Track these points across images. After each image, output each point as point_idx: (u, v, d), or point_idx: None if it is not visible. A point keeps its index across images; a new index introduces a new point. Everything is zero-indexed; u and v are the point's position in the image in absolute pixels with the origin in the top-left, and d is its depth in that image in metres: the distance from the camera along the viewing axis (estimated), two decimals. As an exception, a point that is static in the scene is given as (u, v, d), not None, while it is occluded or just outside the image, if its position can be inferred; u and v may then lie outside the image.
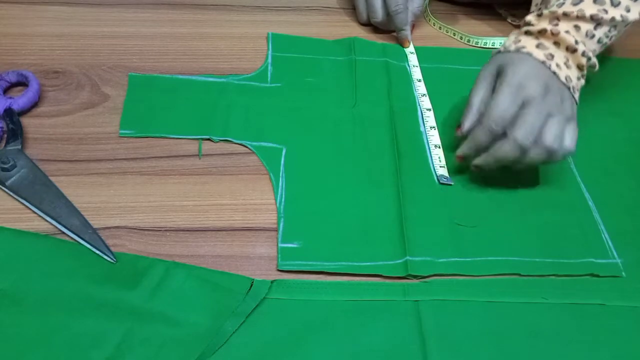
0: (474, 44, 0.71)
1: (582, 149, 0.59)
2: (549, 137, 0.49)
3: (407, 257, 0.48)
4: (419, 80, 0.64)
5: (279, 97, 0.60)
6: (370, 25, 0.71)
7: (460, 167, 0.55)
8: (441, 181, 0.54)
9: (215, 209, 0.50)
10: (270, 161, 0.54)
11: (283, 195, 0.52)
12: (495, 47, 0.71)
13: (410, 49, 0.69)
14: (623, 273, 0.50)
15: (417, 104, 0.62)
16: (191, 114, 0.57)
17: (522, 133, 0.48)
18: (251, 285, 0.45)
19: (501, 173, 0.53)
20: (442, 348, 0.43)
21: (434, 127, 0.59)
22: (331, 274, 0.47)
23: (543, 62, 0.51)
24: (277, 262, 0.47)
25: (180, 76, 0.61)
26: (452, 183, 0.54)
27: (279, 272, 0.47)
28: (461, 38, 0.71)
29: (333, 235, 0.49)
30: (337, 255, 0.48)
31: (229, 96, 0.60)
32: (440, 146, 0.57)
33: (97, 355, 0.40)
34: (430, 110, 0.61)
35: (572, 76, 0.53)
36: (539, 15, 0.54)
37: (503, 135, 0.50)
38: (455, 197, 0.53)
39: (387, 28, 0.70)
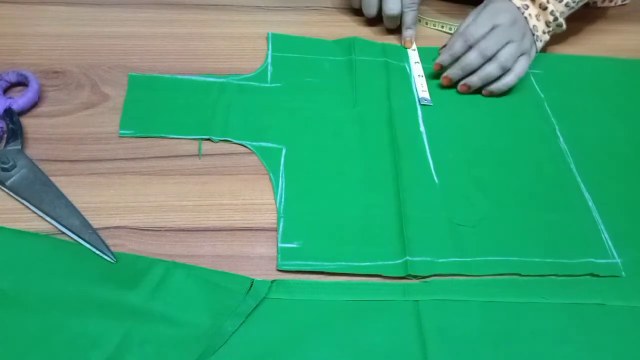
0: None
1: (582, 149, 0.59)
2: (504, 55, 0.62)
3: (407, 257, 0.48)
4: (420, 76, 0.65)
5: (279, 97, 0.60)
6: (370, 25, 0.71)
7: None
8: (422, 102, 0.62)
9: (215, 209, 0.50)
10: (270, 161, 0.54)
11: (283, 195, 0.52)
12: None
13: (412, 46, 0.69)
14: (623, 273, 0.50)
15: (417, 103, 0.62)
16: (191, 114, 0.57)
17: (484, 44, 0.62)
18: (251, 285, 0.45)
19: (497, 171, 0.53)
20: (442, 348, 0.43)
21: (421, 76, 0.65)
22: (331, 274, 0.47)
23: (519, 8, 0.64)
24: (277, 262, 0.47)
25: (180, 76, 0.61)
26: (432, 104, 0.62)
27: (279, 272, 0.47)
28: (450, 29, 0.72)
29: (333, 235, 0.49)
30: (336, 255, 0.48)
31: (229, 96, 0.60)
32: (423, 75, 0.65)
33: (97, 355, 0.40)
34: (418, 63, 0.67)
35: (539, 27, 0.66)
36: None
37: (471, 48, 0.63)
38: (455, 197, 0.53)
39: (389, 25, 0.70)
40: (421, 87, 0.64)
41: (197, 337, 0.42)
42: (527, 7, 0.65)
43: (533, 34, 0.65)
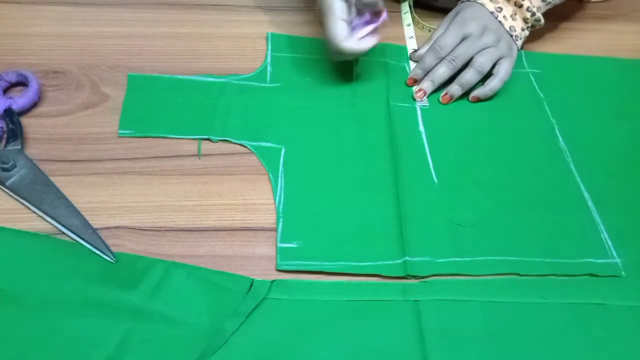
0: None
1: (582, 149, 0.59)
2: (479, 60, 0.62)
3: (406, 257, 0.48)
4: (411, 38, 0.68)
5: (278, 97, 0.60)
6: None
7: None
8: (419, 104, 0.62)
9: (215, 209, 0.50)
10: (270, 161, 0.54)
11: (282, 195, 0.52)
12: None
13: (409, 33, 0.70)
14: (622, 273, 0.50)
15: (416, 104, 0.62)
16: (190, 114, 0.57)
17: (452, 55, 0.62)
18: (251, 285, 0.45)
19: (496, 170, 0.53)
20: (442, 348, 0.43)
21: (412, 37, 0.68)
22: (330, 274, 0.47)
23: (492, 13, 0.63)
24: (276, 262, 0.47)
25: (180, 76, 0.61)
26: (428, 105, 0.62)
27: (279, 272, 0.47)
28: None
29: (332, 235, 0.49)
30: (336, 255, 0.48)
31: (228, 96, 0.60)
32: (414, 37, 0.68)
33: (97, 355, 0.41)
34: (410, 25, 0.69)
35: (517, 27, 0.64)
36: None
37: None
38: (454, 197, 0.53)
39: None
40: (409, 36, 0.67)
41: (197, 337, 0.42)
42: (501, 9, 0.64)
43: (511, 35, 0.64)
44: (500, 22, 0.63)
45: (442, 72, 0.62)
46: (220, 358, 0.42)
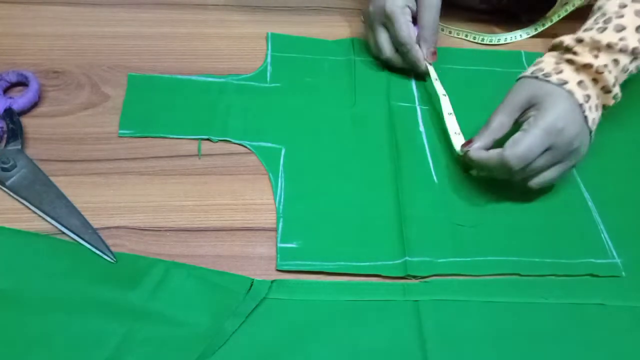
0: (487, 42, 0.70)
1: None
2: (538, 181, 0.51)
3: (406, 258, 0.48)
4: (450, 114, 0.57)
5: (278, 97, 0.60)
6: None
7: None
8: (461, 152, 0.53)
9: (215, 209, 0.50)
10: (270, 161, 0.54)
11: (282, 196, 0.52)
12: (508, 42, 0.70)
13: (441, 90, 0.60)
14: (623, 273, 0.50)
15: (416, 104, 0.62)
16: (190, 114, 0.57)
17: (522, 174, 0.49)
18: (251, 285, 0.45)
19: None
20: (442, 348, 0.43)
21: (451, 114, 0.57)
22: (330, 274, 0.47)
23: (580, 105, 0.50)
24: (276, 262, 0.47)
25: (180, 76, 0.61)
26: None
27: (279, 272, 0.47)
28: (474, 38, 0.70)
29: (332, 235, 0.49)
30: (336, 256, 0.48)
31: (228, 96, 0.60)
32: (460, 133, 0.56)
33: (97, 355, 0.41)
34: (445, 96, 0.59)
35: (597, 118, 0.52)
36: (579, 41, 0.52)
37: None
38: (455, 197, 0.53)
39: (402, 65, 0.63)
40: (454, 132, 0.55)
41: (197, 337, 0.42)
42: (589, 98, 0.50)
43: (590, 131, 0.51)
44: (586, 116, 0.50)
45: (499, 174, 0.51)
46: (220, 358, 0.42)
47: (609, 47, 0.51)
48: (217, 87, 0.60)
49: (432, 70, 0.62)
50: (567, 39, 0.53)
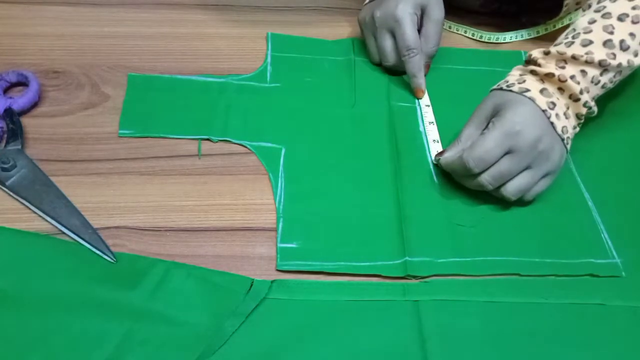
0: (486, 40, 0.70)
1: (582, 148, 0.59)
2: (511, 189, 0.50)
3: (406, 258, 0.48)
4: (435, 141, 0.58)
5: (278, 97, 0.60)
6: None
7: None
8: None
9: (215, 209, 0.50)
10: (270, 161, 0.54)
11: (282, 196, 0.52)
12: (508, 41, 0.71)
13: (425, 101, 0.62)
14: (623, 273, 0.50)
15: (416, 104, 0.62)
16: (190, 114, 0.57)
17: (488, 179, 0.50)
18: (251, 285, 0.45)
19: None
20: (442, 348, 0.43)
21: (432, 123, 0.59)
22: (330, 274, 0.47)
23: (544, 111, 0.50)
24: (276, 262, 0.47)
25: (180, 76, 0.61)
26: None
27: (279, 272, 0.47)
28: (472, 35, 0.71)
29: (332, 236, 0.49)
30: (336, 256, 0.48)
31: (228, 96, 0.60)
32: (439, 140, 0.58)
33: (97, 355, 0.41)
34: (429, 106, 0.61)
35: (569, 126, 0.52)
36: (546, 54, 0.53)
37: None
38: (455, 197, 0.53)
39: (402, 70, 0.63)
40: (432, 139, 0.57)
41: (197, 337, 0.42)
42: (554, 105, 0.50)
43: (562, 139, 0.51)
44: (552, 122, 0.50)
45: (470, 184, 0.52)
46: (220, 358, 0.42)
47: (574, 58, 0.52)
48: (217, 87, 0.60)
49: (426, 97, 0.62)
50: (535, 52, 0.54)
